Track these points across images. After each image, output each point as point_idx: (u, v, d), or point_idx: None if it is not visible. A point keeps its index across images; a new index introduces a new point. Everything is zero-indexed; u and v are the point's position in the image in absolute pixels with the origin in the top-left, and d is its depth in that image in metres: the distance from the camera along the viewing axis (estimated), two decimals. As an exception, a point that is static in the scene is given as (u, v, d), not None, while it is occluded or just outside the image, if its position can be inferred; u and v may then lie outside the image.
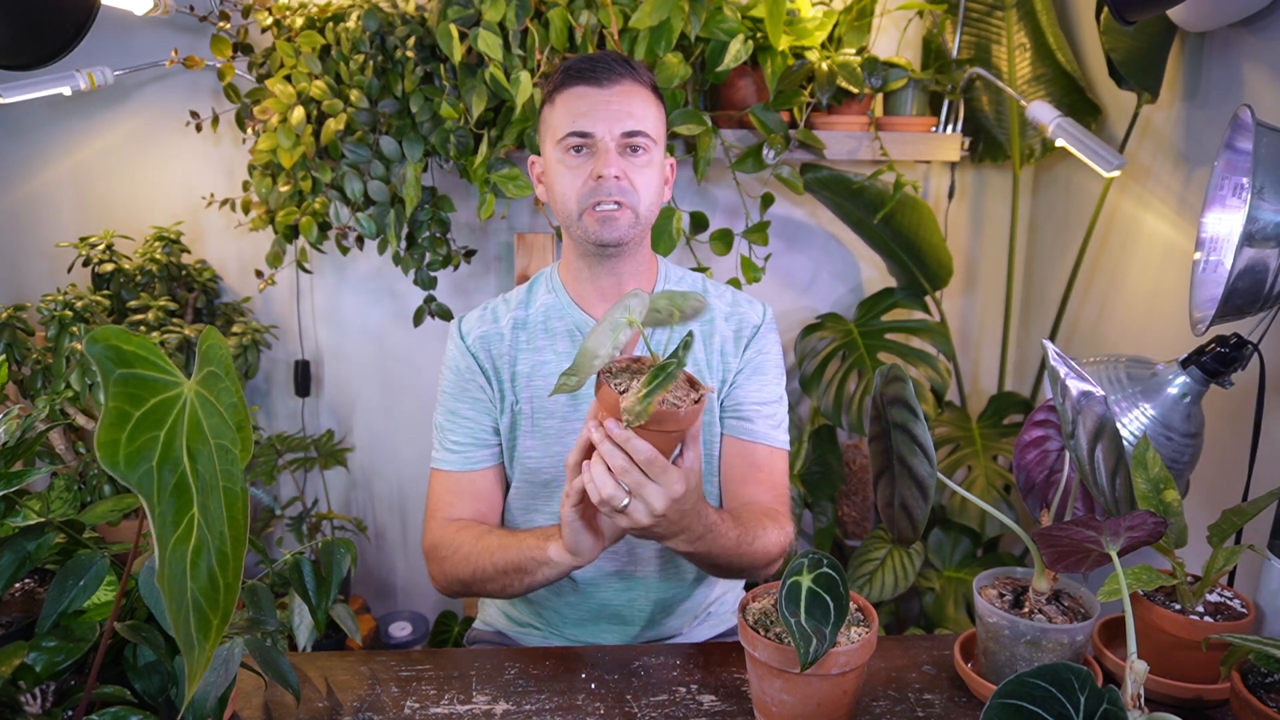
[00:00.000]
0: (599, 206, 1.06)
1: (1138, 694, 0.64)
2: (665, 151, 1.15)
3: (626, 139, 1.08)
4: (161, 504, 0.46)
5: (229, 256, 2.01)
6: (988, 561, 1.84)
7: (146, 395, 0.47)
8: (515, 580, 1.01)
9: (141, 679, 0.69)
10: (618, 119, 1.07)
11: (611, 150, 1.07)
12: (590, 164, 1.07)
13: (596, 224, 1.07)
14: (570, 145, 1.08)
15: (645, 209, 1.09)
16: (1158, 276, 1.53)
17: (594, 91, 1.08)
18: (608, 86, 1.08)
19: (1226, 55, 1.32)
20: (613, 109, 1.07)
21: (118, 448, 0.45)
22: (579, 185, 1.07)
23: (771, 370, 1.19)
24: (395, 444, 2.16)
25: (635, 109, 1.08)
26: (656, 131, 1.11)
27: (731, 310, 1.20)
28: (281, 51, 1.69)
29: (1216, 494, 1.29)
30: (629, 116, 1.07)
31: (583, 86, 1.08)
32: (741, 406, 1.16)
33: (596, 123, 1.07)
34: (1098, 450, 0.83)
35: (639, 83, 1.10)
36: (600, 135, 1.07)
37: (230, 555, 0.51)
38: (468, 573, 1.05)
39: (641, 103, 1.09)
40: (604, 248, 1.09)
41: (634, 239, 1.10)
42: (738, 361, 1.17)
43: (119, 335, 0.47)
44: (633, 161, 1.08)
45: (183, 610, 0.47)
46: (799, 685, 0.78)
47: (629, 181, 1.07)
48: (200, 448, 0.50)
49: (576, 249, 1.14)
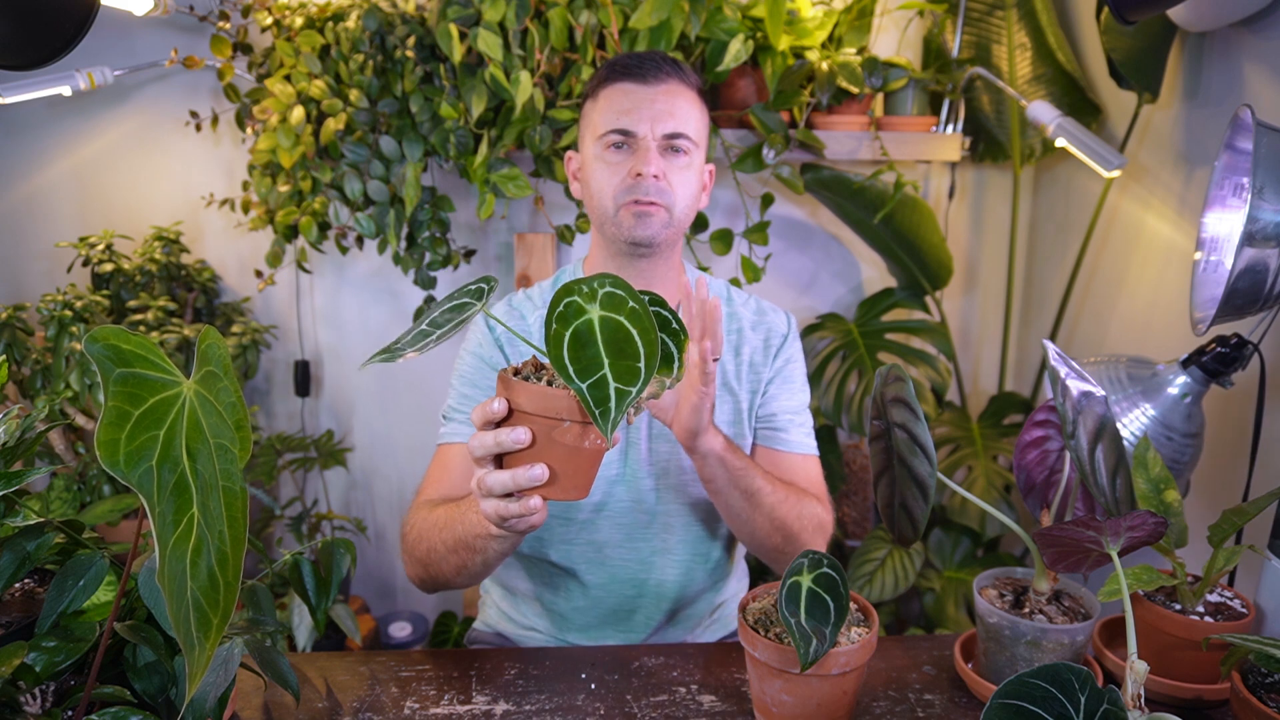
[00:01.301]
0: (636, 202, 1.05)
1: (1138, 694, 0.64)
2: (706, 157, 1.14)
3: (668, 140, 1.06)
4: (161, 503, 0.46)
5: (228, 256, 2.01)
6: (988, 562, 1.84)
7: (146, 395, 0.47)
8: (468, 560, 0.93)
9: (141, 679, 0.69)
10: (660, 118, 1.05)
11: (653, 149, 1.05)
12: (630, 162, 1.06)
13: (632, 219, 1.06)
14: (611, 142, 1.07)
15: (681, 211, 1.08)
16: (1158, 276, 1.53)
17: (639, 89, 1.06)
18: (653, 85, 1.06)
19: (1227, 55, 1.32)
20: (657, 108, 1.05)
21: (117, 447, 0.45)
22: (617, 182, 1.06)
23: (799, 378, 1.18)
24: (395, 444, 2.16)
25: (679, 110, 1.07)
26: (699, 135, 1.09)
27: (758, 319, 1.19)
28: (281, 51, 1.69)
29: (1217, 494, 1.29)
30: (672, 117, 1.06)
31: (628, 83, 1.07)
32: (775, 417, 1.15)
33: (639, 121, 1.05)
34: (1098, 450, 0.83)
35: (685, 84, 1.09)
36: (642, 134, 1.05)
37: (230, 555, 0.51)
38: (423, 551, 0.99)
39: (686, 104, 1.08)
40: (636, 246, 1.07)
41: (666, 240, 1.09)
42: (769, 371, 1.16)
43: (118, 335, 0.47)
44: (673, 163, 1.07)
45: (183, 610, 0.47)
46: (799, 685, 0.78)
47: (667, 182, 1.06)
48: (200, 447, 0.50)
49: (608, 248, 1.12)
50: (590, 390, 0.62)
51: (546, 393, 0.69)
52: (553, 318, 0.63)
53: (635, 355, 0.63)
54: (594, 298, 0.64)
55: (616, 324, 0.63)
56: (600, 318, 0.63)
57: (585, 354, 0.63)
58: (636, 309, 0.64)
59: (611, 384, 0.62)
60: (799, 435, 1.15)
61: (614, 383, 0.62)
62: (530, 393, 0.69)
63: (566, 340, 0.63)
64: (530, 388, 0.69)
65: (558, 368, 0.62)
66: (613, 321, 0.63)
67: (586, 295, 0.64)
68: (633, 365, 0.63)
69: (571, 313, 0.63)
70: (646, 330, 0.63)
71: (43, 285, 1.93)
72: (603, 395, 0.62)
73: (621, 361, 0.63)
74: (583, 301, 0.64)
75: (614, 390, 0.62)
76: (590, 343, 0.63)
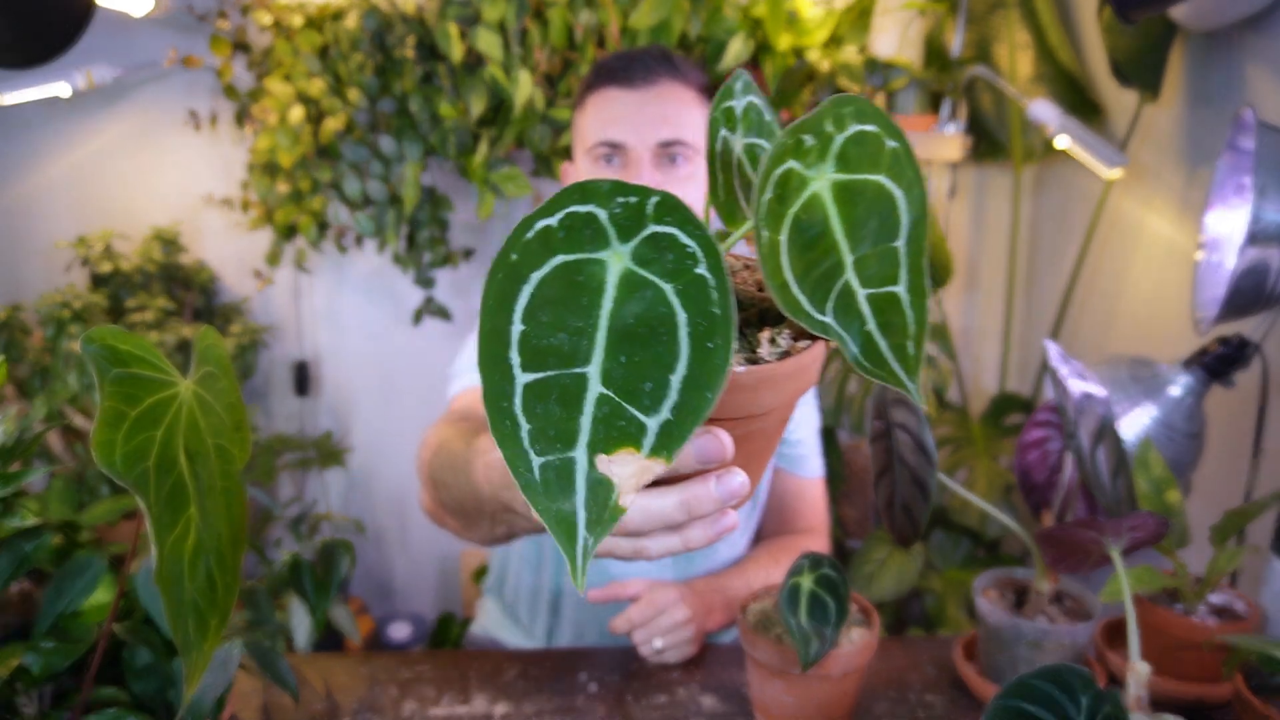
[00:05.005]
0: None
1: (1140, 695, 0.64)
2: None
3: (664, 148, 0.94)
4: (158, 504, 0.46)
5: (227, 256, 2.01)
6: (989, 562, 1.84)
7: (143, 395, 0.47)
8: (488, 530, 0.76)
9: (139, 681, 0.68)
10: (652, 125, 0.94)
11: (645, 161, 0.94)
12: (622, 176, 0.94)
13: None
14: (600, 155, 0.96)
15: None
16: (1159, 276, 1.53)
17: (625, 95, 0.95)
18: (642, 88, 0.95)
19: (1229, 55, 1.32)
20: (647, 114, 0.94)
21: (114, 447, 0.44)
22: None
23: (812, 399, 1.18)
24: (394, 444, 2.15)
25: (672, 113, 0.95)
26: (700, 138, 0.95)
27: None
28: (280, 50, 1.69)
29: (1219, 494, 1.29)
30: (665, 123, 0.94)
31: (614, 89, 0.96)
32: (802, 443, 1.14)
33: (628, 131, 0.94)
34: (1099, 450, 0.83)
35: (680, 82, 0.97)
36: (632, 145, 0.94)
37: (228, 555, 0.51)
38: (427, 466, 0.83)
39: (681, 106, 0.96)
40: None
41: None
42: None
43: (115, 335, 0.47)
44: (671, 173, 0.95)
45: (180, 611, 0.47)
46: (800, 686, 0.78)
47: None
48: (197, 448, 0.50)
49: None
50: (843, 321, 0.37)
51: (793, 368, 0.40)
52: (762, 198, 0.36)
53: (894, 234, 0.37)
54: (824, 150, 0.37)
55: (870, 189, 0.37)
56: (838, 184, 0.37)
57: (814, 253, 0.37)
58: (899, 152, 0.37)
59: (860, 292, 0.37)
60: (816, 461, 1.15)
61: (862, 288, 0.37)
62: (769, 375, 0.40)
63: (785, 232, 0.37)
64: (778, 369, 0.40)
65: (781, 298, 0.36)
66: (861, 189, 0.37)
67: (810, 149, 0.37)
68: (888, 249, 0.37)
69: (791, 187, 0.37)
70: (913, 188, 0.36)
71: (41, 285, 1.92)
72: (851, 313, 0.37)
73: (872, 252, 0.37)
74: (802, 164, 0.37)
75: (866, 299, 0.37)
76: (824, 232, 0.37)
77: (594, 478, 0.34)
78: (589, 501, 0.34)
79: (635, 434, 0.33)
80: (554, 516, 0.34)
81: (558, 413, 0.34)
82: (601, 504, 0.34)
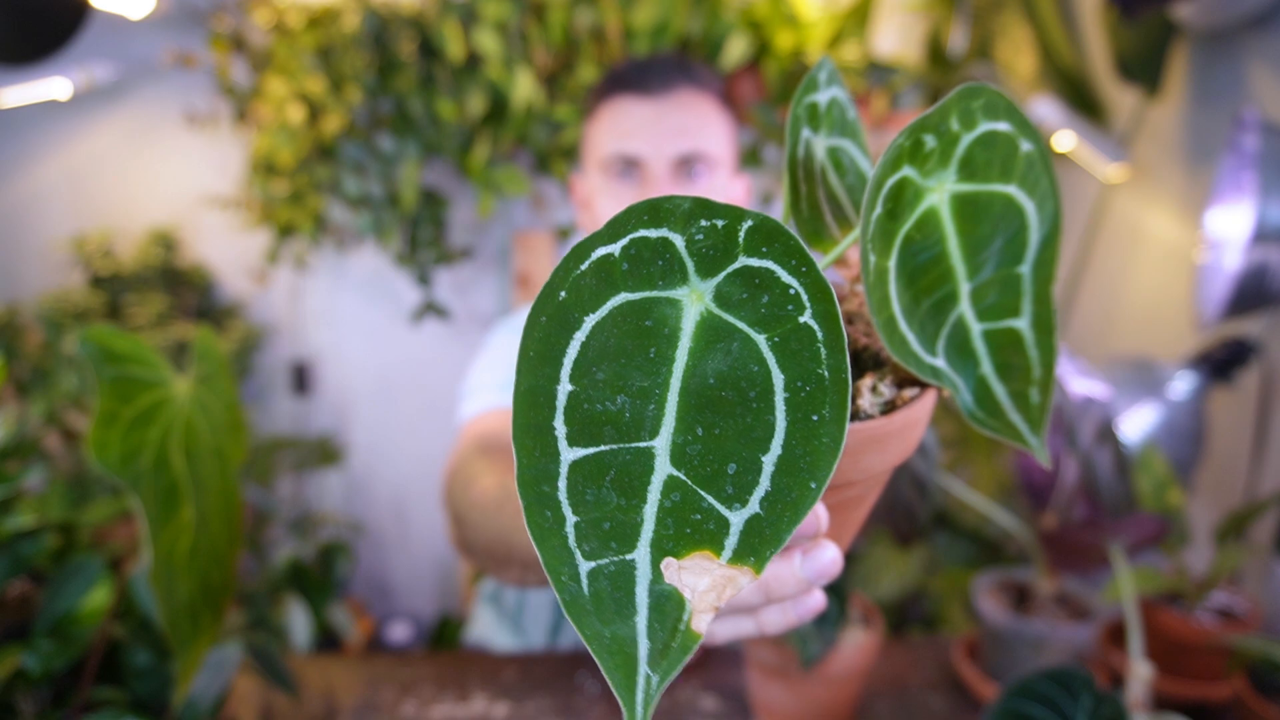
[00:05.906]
0: None
1: (1141, 696, 0.64)
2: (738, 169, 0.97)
3: (681, 162, 0.90)
4: (154, 504, 0.46)
5: (226, 256, 2.01)
6: (990, 563, 1.84)
7: (138, 395, 0.47)
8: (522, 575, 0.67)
9: (138, 681, 0.68)
10: (669, 138, 0.89)
11: (662, 176, 0.89)
12: (638, 192, 0.90)
13: None
14: (615, 170, 0.92)
15: None
16: (1161, 275, 1.52)
17: (641, 105, 0.90)
18: (659, 98, 0.90)
19: (1231, 54, 1.32)
20: (664, 125, 0.89)
21: (109, 447, 0.44)
22: None
23: None
24: (394, 445, 2.15)
25: (692, 124, 0.90)
26: (720, 149, 0.92)
27: None
28: (279, 50, 1.69)
29: (1220, 495, 1.28)
30: (684, 135, 0.89)
31: (629, 98, 0.91)
32: None
33: (645, 143, 0.89)
34: (1101, 451, 0.83)
35: (699, 90, 0.92)
36: (648, 158, 0.89)
37: (224, 555, 0.50)
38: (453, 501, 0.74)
39: (699, 117, 0.91)
40: None
41: None
42: None
43: (110, 335, 0.47)
44: (691, 188, 0.91)
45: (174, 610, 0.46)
46: (800, 687, 0.78)
47: None
48: (194, 448, 0.49)
49: None
50: (956, 364, 0.31)
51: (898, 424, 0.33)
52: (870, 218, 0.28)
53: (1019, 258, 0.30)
54: (947, 154, 0.29)
55: (996, 202, 0.30)
56: (959, 196, 0.30)
57: (928, 279, 0.29)
58: (1033, 156, 0.30)
59: (976, 327, 0.30)
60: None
61: (978, 322, 0.31)
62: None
63: (895, 256, 0.29)
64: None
65: (887, 338, 0.30)
66: (986, 202, 0.30)
67: (930, 153, 0.29)
68: (1011, 275, 0.31)
69: (905, 200, 0.29)
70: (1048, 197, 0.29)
71: (39, 285, 1.92)
72: (970, 367, 0.30)
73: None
74: (919, 172, 0.29)
75: (981, 335, 0.30)
76: (939, 256, 0.30)
77: (660, 591, 0.25)
78: (652, 624, 0.25)
79: (715, 533, 0.26)
80: (605, 645, 0.25)
81: (614, 501, 0.26)
82: (670, 628, 0.25)
